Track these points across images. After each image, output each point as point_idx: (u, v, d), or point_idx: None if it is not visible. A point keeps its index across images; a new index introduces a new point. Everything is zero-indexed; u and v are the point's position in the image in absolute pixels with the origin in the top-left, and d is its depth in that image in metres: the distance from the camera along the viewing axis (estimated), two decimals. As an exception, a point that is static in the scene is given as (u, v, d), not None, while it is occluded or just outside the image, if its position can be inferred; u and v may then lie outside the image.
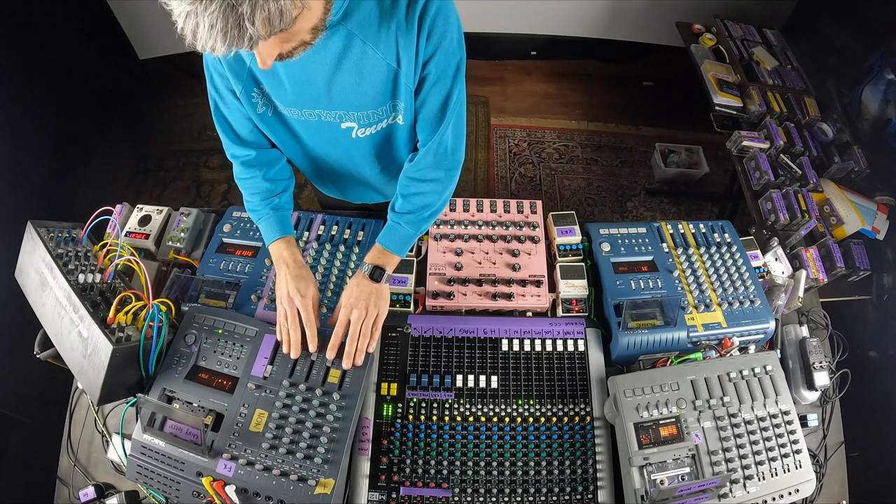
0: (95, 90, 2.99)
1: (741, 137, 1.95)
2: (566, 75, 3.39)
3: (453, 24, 0.96)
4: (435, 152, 1.09)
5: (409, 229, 1.15)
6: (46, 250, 1.12)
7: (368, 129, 1.09)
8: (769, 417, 1.10)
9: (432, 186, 1.14)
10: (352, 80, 0.98)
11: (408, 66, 0.97)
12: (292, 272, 1.11)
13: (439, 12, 0.92)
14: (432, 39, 0.94)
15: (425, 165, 1.11)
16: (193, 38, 0.67)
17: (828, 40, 2.47)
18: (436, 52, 0.96)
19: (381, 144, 1.16)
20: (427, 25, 0.92)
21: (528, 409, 1.15)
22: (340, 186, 1.41)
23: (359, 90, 1.00)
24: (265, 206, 1.19)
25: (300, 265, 1.13)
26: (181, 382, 1.09)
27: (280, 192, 1.21)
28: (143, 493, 1.10)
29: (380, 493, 1.07)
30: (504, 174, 2.95)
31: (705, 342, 1.21)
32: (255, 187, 1.19)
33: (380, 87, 1.00)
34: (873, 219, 1.81)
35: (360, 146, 1.15)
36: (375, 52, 0.94)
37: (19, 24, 2.45)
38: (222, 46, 0.67)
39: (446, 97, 1.03)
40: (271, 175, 1.20)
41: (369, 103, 1.03)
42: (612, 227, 1.39)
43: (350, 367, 1.08)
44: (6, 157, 2.30)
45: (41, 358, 1.16)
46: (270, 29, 0.69)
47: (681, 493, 0.98)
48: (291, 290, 1.09)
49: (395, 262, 1.17)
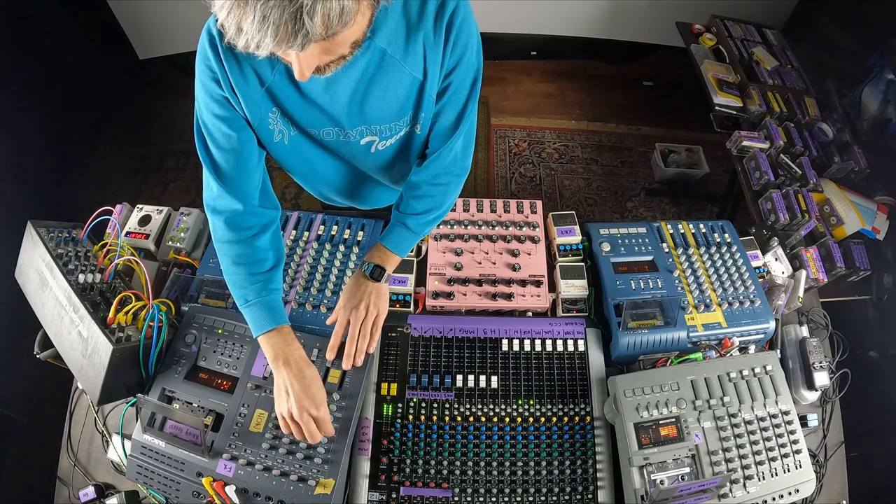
0: (95, 90, 2.99)
1: (741, 137, 1.95)
2: (566, 75, 3.39)
3: (475, 35, 0.94)
4: (445, 160, 1.07)
5: (412, 230, 1.12)
6: (46, 250, 1.12)
7: (388, 140, 1.04)
8: (769, 417, 1.10)
9: (440, 190, 1.11)
10: (377, 95, 0.94)
11: (433, 77, 0.93)
12: (296, 376, 0.97)
13: (464, 22, 0.90)
14: (456, 50, 0.92)
15: (435, 172, 1.08)
16: (237, 31, 0.62)
17: (828, 40, 2.46)
18: (459, 64, 0.94)
19: (398, 154, 1.11)
20: (453, 36, 0.90)
21: (528, 409, 1.15)
22: (352, 197, 1.37)
23: (383, 104, 0.96)
24: (254, 285, 1.01)
25: (306, 364, 1.00)
26: (181, 382, 1.09)
27: (273, 266, 1.04)
28: (143, 493, 1.10)
29: (380, 493, 1.07)
30: (504, 174, 2.95)
31: (705, 342, 1.21)
32: (242, 255, 1.01)
33: (403, 99, 0.96)
34: (873, 219, 1.81)
35: (378, 159, 1.10)
36: (402, 66, 0.91)
37: (19, 25, 2.45)
38: (271, 42, 0.61)
39: (463, 108, 1.00)
40: (265, 241, 1.04)
41: (393, 117, 0.98)
42: (612, 227, 1.38)
43: (350, 368, 1.07)
44: (6, 156, 2.30)
45: (41, 358, 1.16)
46: (328, 29, 0.64)
47: (681, 493, 0.98)
48: (299, 405, 0.96)
49: (396, 261, 1.14)
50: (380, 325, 1.11)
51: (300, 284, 1.25)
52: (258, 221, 1.03)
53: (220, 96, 0.92)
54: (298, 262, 1.29)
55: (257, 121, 0.95)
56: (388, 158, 1.11)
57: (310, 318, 1.20)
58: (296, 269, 1.28)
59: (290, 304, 1.22)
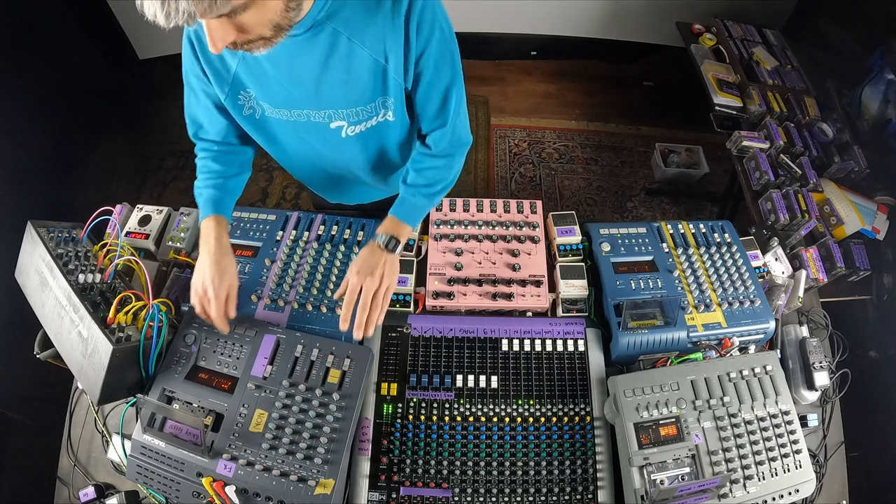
0: (95, 90, 2.99)
1: (741, 137, 1.95)
2: (566, 75, 3.39)
3: (441, 14, 0.96)
4: (444, 138, 1.12)
5: (422, 200, 1.17)
6: (46, 250, 1.12)
7: (358, 126, 1.08)
8: (769, 417, 1.10)
9: (445, 162, 1.17)
10: (340, 77, 0.98)
11: (396, 62, 0.97)
12: (213, 258, 1.08)
13: (426, 6, 0.93)
14: (422, 33, 0.94)
15: (437, 149, 1.14)
16: (141, 6, 0.68)
17: (828, 40, 2.46)
18: (429, 45, 0.96)
19: (372, 143, 1.15)
20: (415, 20, 0.93)
21: (528, 409, 1.15)
22: (334, 188, 1.41)
23: (347, 88, 1.00)
24: (210, 182, 1.17)
25: (224, 251, 1.10)
26: (181, 382, 1.09)
27: (232, 175, 1.19)
28: (143, 494, 1.10)
29: (380, 493, 1.07)
30: (504, 174, 2.95)
31: (705, 342, 1.21)
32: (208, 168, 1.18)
33: (368, 83, 1.00)
34: (873, 219, 1.81)
35: (351, 145, 1.14)
36: (362, 48, 0.94)
37: (19, 25, 2.46)
38: (161, 16, 0.68)
39: (449, 86, 1.04)
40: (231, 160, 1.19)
41: (358, 100, 1.03)
42: (612, 227, 1.39)
43: (360, 338, 1.08)
44: (6, 157, 2.31)
45: (41, 358, 1.16)
46: (207, 9, 0.68)
47: (681, 493, 0.98)
48: (207, 278, 1.06)
49: (408, 233, 1.17)
50: (389, 296, 1.12)
51: (300, 284, 1.25)
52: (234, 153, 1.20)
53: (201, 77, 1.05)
54: (298, 262, 1.29)
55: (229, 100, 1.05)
56: (362, 145, 1.15)
57: (310, 318, 1.20)
58: (296, 269, 1.28)
59: (290, 304, 1.22)
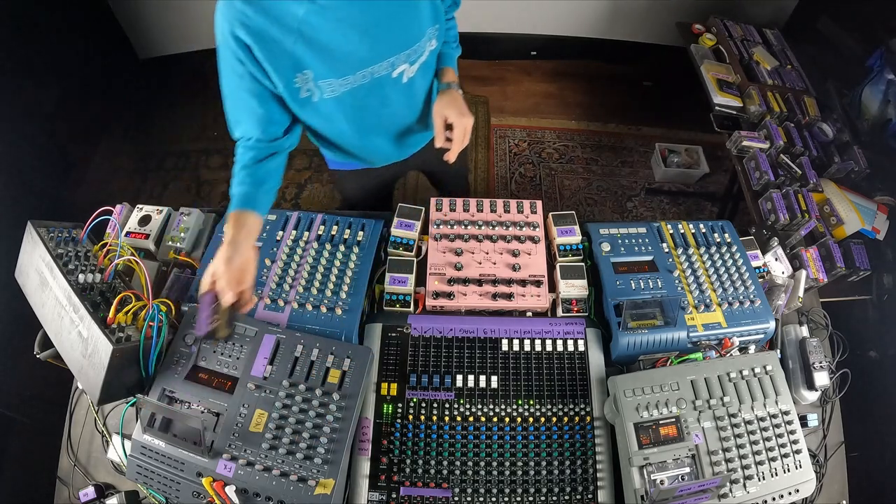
0: (96, 90, 2.98)
1: (741, 137, 1.95)
2: (566, 75, 3.39)
3: None
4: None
5: (455, 51, 1.34)
6: (46, 250, 1.12)
7: (416, 64, 1.16)
8: (769, 417, 1.10)
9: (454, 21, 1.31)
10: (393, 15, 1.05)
11: None
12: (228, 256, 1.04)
13: None
14: None
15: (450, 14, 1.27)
16: None
17: (828, 40, 2.46)
18: None
19: (427, 75, 1.25)
20: None
21: (528, 409, 1.15)
22: (389, 147, 1.40)
23: (402, 25, 1.08)
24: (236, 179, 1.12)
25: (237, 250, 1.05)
26: (181, 382, 1.09)
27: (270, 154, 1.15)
28: (143, 493, 1.10)
29: (380, 493, 1.07)
30: (504, 174, 2.95)
31: (705, 342, 1.21)
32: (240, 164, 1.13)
33: (419, 14, 1.08)
34: (873, 219, 1.81)
35: (414, 87, 1.22)
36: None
37: (19, 24, 2.45)
38: None
39: None
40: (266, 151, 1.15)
41: (415, 37, 1.10)
42: (612, 227, 1.39)
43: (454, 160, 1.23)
44: (6, 156, 2.30)
45: (41, 358, 1.16)
46: None
47: (681, 493, 0.98)
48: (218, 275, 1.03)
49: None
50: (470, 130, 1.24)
51: (300, 284, 1.25)
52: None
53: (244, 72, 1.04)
54: (298, 262, 1.29)
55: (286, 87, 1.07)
56: (421, 82, 1.24)
57: (310, 318, 1.20)
58: (296, 269, 1.28)
59: (290, 304, 1.22)
